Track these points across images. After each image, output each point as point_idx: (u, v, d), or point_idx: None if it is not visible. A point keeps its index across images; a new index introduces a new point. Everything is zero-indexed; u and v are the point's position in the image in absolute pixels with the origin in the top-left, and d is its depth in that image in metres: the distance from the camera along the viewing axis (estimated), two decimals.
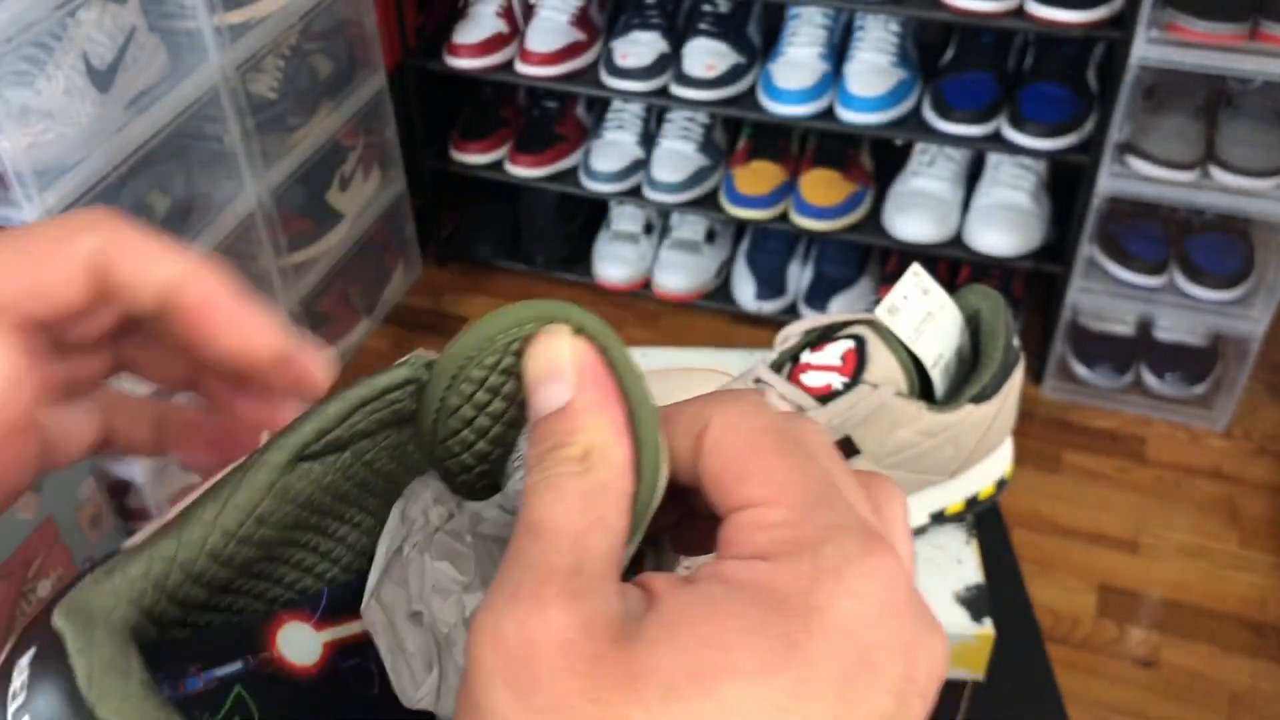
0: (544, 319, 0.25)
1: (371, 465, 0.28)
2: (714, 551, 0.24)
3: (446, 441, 0.27)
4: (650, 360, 0.85)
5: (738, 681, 0.20)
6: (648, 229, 1.99)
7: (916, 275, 0.70)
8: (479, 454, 0.28)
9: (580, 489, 0.23)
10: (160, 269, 0.29)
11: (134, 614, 0.23)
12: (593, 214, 2.05)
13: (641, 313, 1.99)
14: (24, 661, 0.22)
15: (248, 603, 0.28)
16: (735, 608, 0.21)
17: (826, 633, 0.21)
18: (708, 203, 1.87)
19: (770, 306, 1.90)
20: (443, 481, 0.29)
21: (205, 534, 0.24)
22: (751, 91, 1.78)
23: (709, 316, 1.97)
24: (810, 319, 0.71)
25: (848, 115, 1.70)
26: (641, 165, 1.89)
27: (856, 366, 0.66)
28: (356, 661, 0.30)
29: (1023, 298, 1.87)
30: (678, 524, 0.27)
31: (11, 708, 0.22)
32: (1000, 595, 0.73)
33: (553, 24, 1.83)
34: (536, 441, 0.25)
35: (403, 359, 0.26)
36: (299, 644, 0.29)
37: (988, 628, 0.69)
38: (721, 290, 1.97)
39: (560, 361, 0.25)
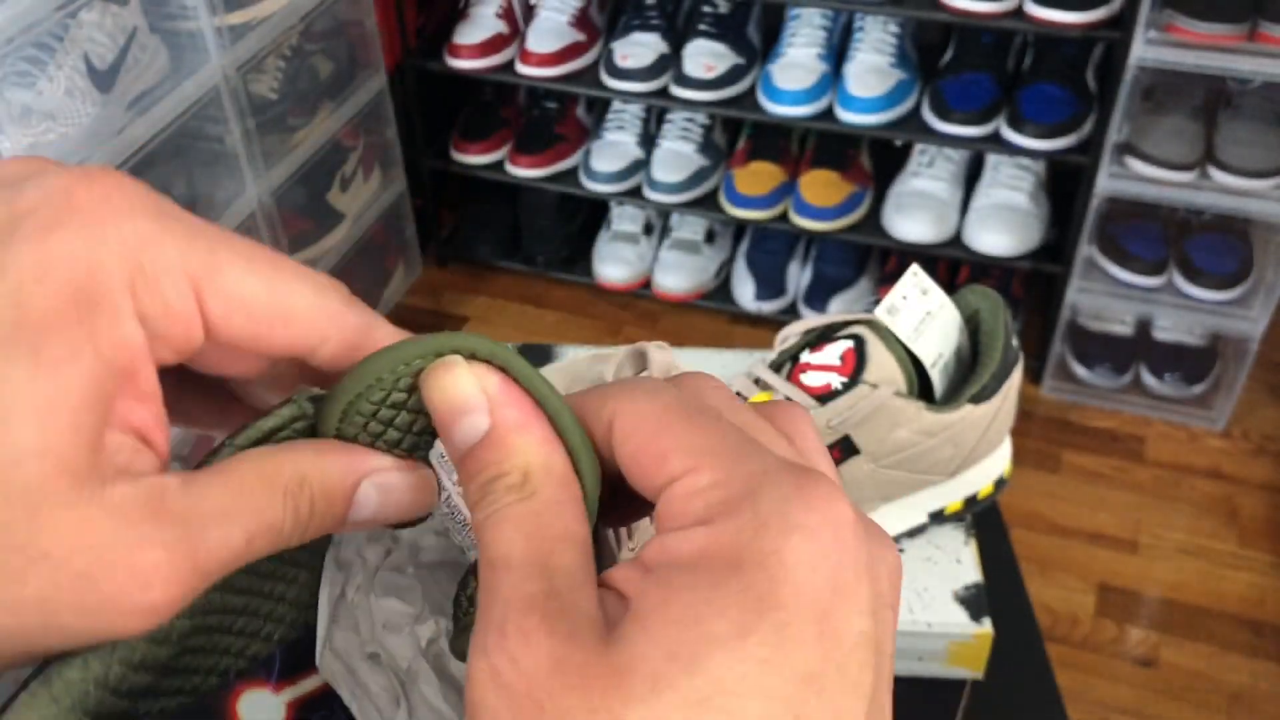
0: (432, 353, 0.25)
1: None
2: (648, 516, 0.24)
3: None
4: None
5: (717, 650, 0.20)
6: (648, 229, 1.99)
7: (916, 275, 0.70)
8: None
9: (531, 513, 0.24)
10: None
11: (80, 719, 0.23)
12: (593, 214, 2.05)
13: (641, 313, 1.99)
14: None
15: (200, 680, 0.27)
16: (692, 579, 0.21)
17: (787, 574, 0.21)
18: (707, 203, 1.87)
19: (770, 307, 1.90)
20: None
21: None
22: (751, 92, 1.78)
23: (709, 316, 1.97)
24: (810, 319, 0.71)
25: (847, 116, 1.70)
26: (641, 166, 1.89)
27: (856, 366, 0.67)
28: (323, 714, 0.29)
29: (1022, 298, 1.88)
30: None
31: None
32: (999, 595, 0.73)
33: (553, 25, 1.83)
34: (470, 476, 0.25)
35: (285, 398, 0.26)
36: (261, 711, 0.29)
37: (987, 627, 0.69)
38: (721, 290, 1.97)
39: (466, 391, 0.25)
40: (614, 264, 1.95)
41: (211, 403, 0.30)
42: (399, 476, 0.27)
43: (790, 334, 0.72)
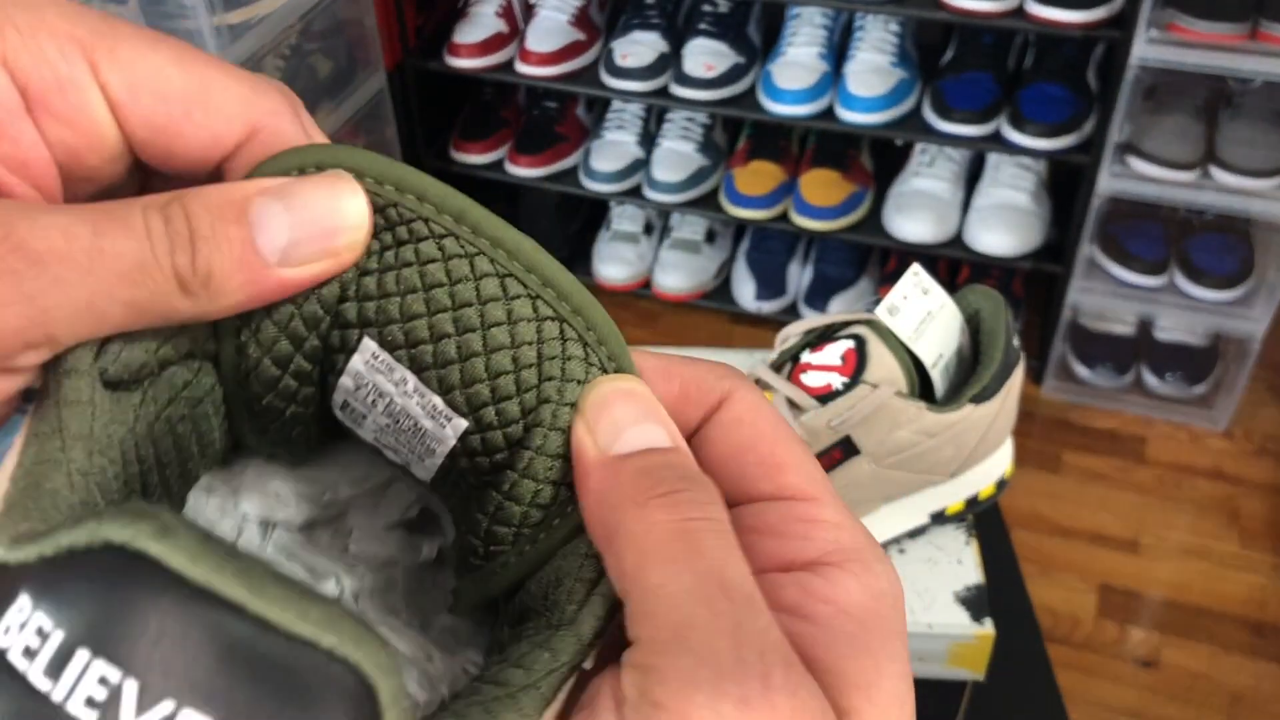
0: (312, 164, 0.22)
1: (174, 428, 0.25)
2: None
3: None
4: None
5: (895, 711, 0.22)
6: (648, 229, 1.99)
7: (916, 275, 0.70)
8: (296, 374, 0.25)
9: (720, 532, 0.22)
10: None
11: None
12: (593, 214, 2.05)
13: (641, 313, 1.99)
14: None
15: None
16: (864, 639, 0.22)
17: (903, 647, 0.22)
18: (708, 203, 1.87)
19: (770, 306, 1.90)
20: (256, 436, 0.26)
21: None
22: (751, 91, 1.78)
23: (709, 316, 1.96)
24: (810, 319, 0.71)
25: (848, 115, 1.70)
26: (641, 165, 1.89)
27: (856, 366, 0.66)
28: None
29: (1023, 298, 1.87)
30: None
31: None
32: (1000, 595, 0.73)
33: (552, 24, 1.83)
34: (645, 472, 0.22)
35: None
36: None
37: (988, 628, 0.69)
38: (721, 290, 1.97)
39: (645, 402, 0.24)
40: (614, 264, 1.95)
41: None
42: (314, 179, 0.22)
43: (791, 334, 0.71)
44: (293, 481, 0.28)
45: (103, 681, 0.17)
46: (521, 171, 1.91)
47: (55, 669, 0.17)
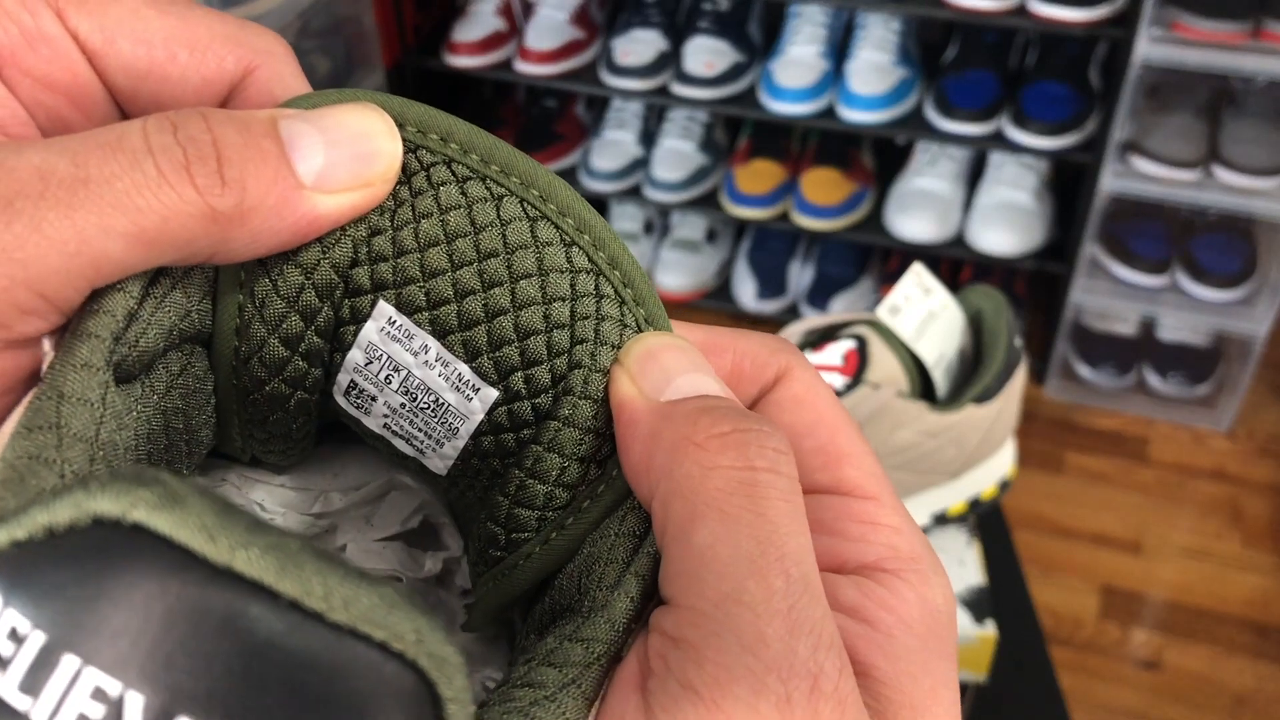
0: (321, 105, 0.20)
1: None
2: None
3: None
4: None
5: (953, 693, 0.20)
6: (648, 228, 1.98)
7: (918, 275, 0.69)
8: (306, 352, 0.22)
9: (789, 492, 0.19)
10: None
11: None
12: None
13: None
14: None
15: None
16: (924, 656, 0.20)
17: (955, 662, 0.21)
18: (708, 202, 1.86)
19: (771, 306, 1.89)
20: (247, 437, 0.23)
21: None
22: (752, 90, 1.77)
23: (709, 316, 1.96)
24: (811, 319, 0.71)
25: (849, 114, 1.69)
26: (641, 164, 1.88)
27: (858, 367, 0.66)
28: None
29: (1025, 297, 1.87)
30: None
31: None
32: (1003, 597, 0.72)
33: (552, 22, 1.83)
34: (712, 432, 0.19)
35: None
36: None
37: (990, 630, 0.68)
38: (722, 290, 1.96)
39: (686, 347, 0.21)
40: None
41: None
42: (336, 108, 0.20)
43: (792, 334, 0.71)
44: (279, 490, 0.25)
45: (98, 695, 0.13)
46: None
47: (35, 681, 0.13)
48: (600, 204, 2.01)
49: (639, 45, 1.78)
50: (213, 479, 0.24)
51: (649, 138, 1.91)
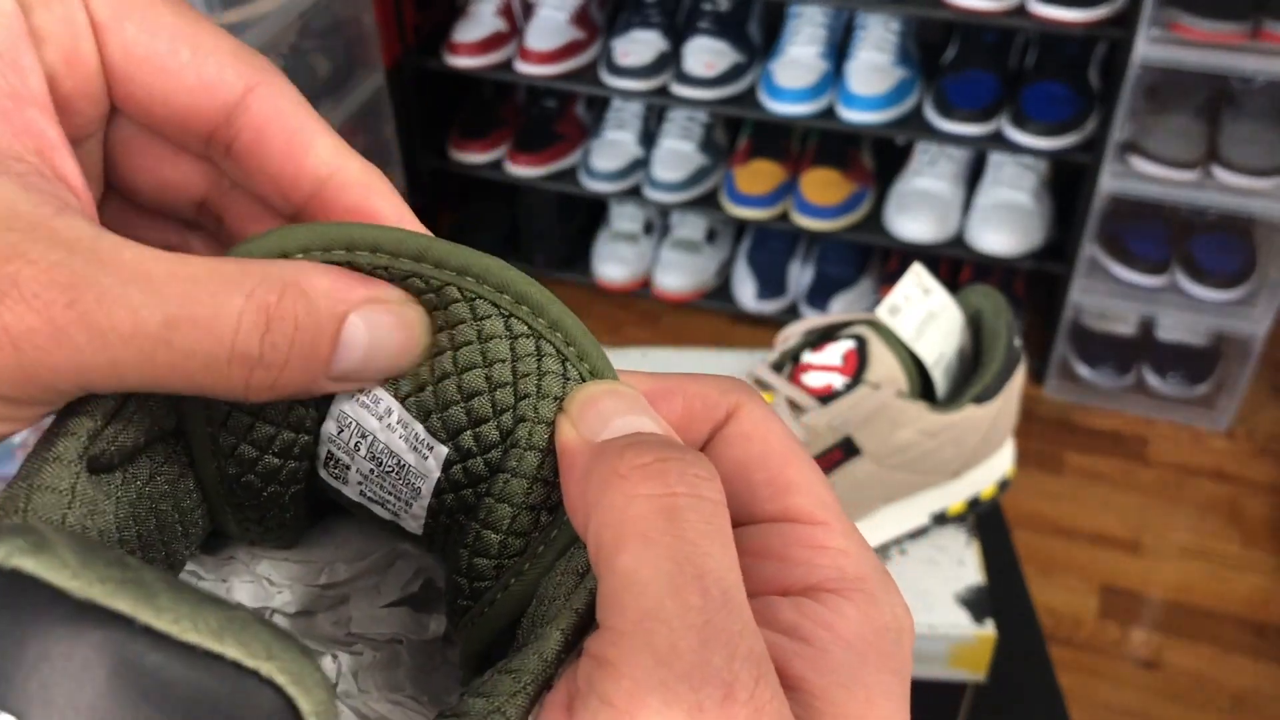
0: (319, 247, 0.21)
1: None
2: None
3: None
4: (650, 361, 0.84)
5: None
6: (648, 228, 1.98)
7: (918, 275, 0.69)
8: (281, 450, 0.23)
9: (708, 514, 0.19)
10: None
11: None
12: (592, 213, 2.05)
13: (641, 313, 1.98)
14: None
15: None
16: (862, 673, 0.20)
17: (906, 678, 0.21)
18: (708, 202, 1.86)
19: (771, 306, 1.89)
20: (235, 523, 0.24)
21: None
22: (752, 90, 1.77)
23: (709, 316, 1.96)
24: (811, 319, 0.71)
25: (848, 114, 1.69)
26: (641, 164, 1.88)
27: (857, 367, 0.66)
28: None
29: (1024, 297, 1.87)
30: None
31: None
32: (1002, 596, 0.72)
33: (552, 22, 1.83)
34: (641, 462, 0.20)
35: None
36: None
37: (989, 629, 0.68)
38: (722, 290, 1.96)
39: (630, 396, 0.22)
40: (614, 263, 1.95)
41: None
42: (393, 310, 0.21)
43: (791, 334, 0.71)
44: (284, 564, 0.26)
45: None
46: (521, 171, 1.91)
47: None
48: (600, 204, 2.01)
49: (639, 45, 1.78)
50: (220, 557, 0.26)
51: (649, 138, 1.91)
